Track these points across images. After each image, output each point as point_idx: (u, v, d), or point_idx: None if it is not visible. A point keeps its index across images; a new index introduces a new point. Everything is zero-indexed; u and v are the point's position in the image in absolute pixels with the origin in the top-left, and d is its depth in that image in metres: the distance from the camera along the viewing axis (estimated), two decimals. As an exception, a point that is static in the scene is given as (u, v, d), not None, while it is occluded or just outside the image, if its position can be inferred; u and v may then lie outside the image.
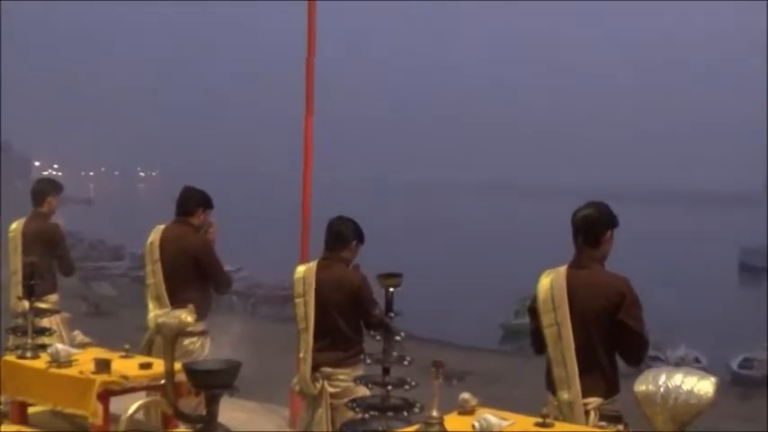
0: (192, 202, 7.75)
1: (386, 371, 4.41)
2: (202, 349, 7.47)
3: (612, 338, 5.50)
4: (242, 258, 43.25)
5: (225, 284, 7.82)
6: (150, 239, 7.68)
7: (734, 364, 35.76)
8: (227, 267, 8.21)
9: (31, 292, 5.80)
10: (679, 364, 31.11)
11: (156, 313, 7.22)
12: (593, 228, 5.63)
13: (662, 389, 3.47)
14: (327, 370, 6.58)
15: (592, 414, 5.42)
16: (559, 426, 4.14)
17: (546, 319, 5.55)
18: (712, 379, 3.49)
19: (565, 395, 5.47)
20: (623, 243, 5.85)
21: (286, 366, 6.85)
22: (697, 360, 33.63)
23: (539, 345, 5.67)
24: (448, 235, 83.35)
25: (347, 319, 6.60)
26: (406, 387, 4.41)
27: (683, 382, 3.47)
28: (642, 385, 3.55)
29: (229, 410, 5.33)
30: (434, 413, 3.91)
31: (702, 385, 3.45)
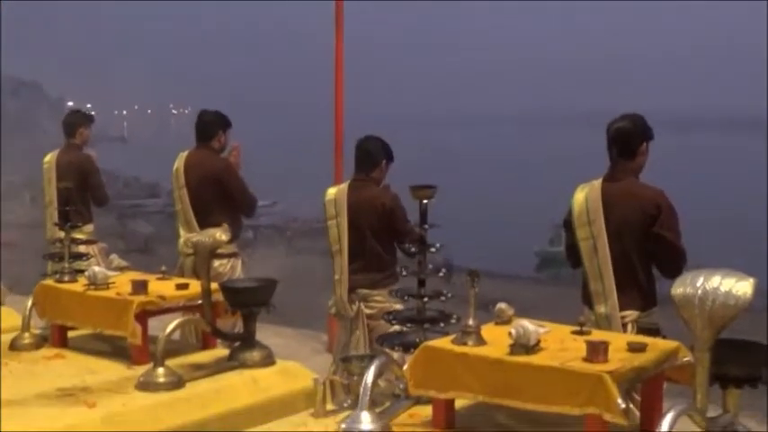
0: (211, 126, 7.77)
1: (421, 283, 4.40)
2: (233, 271, 7.51)
3: (649, 251, 5.48)
4: (277, 192, 43.38)
5: (250, 205, 7.81)
6: (175, 166, 7.72)
7: (772, 284, 35.60)
8: (262, 202, 8.26)
9: (66, 218, 5.82)
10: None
11: (186, 236, 7.27)
12: (628, 140, 5.58)
13: (700, 291, 3.43)
14: (363, 291, 6.60)
15: (629, 327, 5.42)
16: (596, 333, 4.12)
17: (581, 233, 5.53)
18: (751, 280, 3.44)
19: (602, 309, 5.47)
20: (654, 167, 5.81)
21: (324, 297, 6.88)
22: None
23: (574, 259, 5.65)
24: (482, 165, 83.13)
25: (381, 240, 6.60)
26: (443, 298, 4.41)
27: (720, 283, 3.43)
28: (680, 288, 3.51)
29: (267, 336, 5.39)
30: (471, 322, 3.90)
31: (741, 286, 3.41)
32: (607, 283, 5.45)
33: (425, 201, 4.39)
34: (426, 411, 4.10)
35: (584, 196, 5.56)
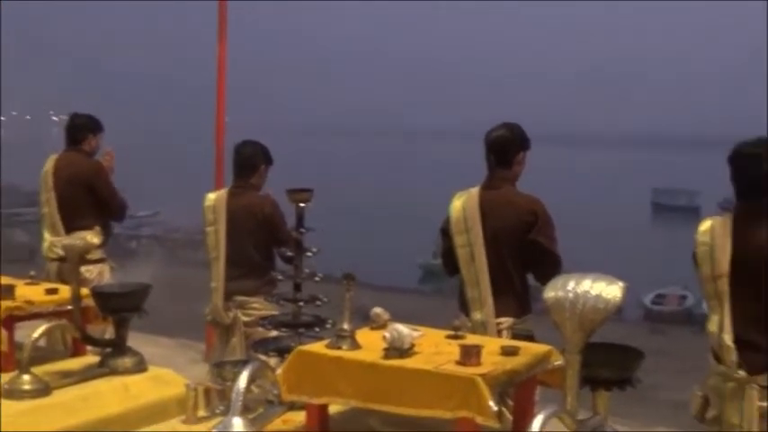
0: (81, 129, 7.59)
1: (297, 287, 4.37)
2: (101, 277, 7.32)
3: (525, 258, 5.51)
4: (159, 202, 42.79)
5: (119, 210, 7.63)
6: (44, 169, 7.52)
7: (647, 300, 36.48)
8: (144, 212, 8.12)
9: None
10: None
11: (51, 241, 7.08)
12: (505, 148, 5.62)
13: (571, 294, 3.47)
14: (241, 298, 6.51)
15: (504, 333, 5.43)
16: (471, 337, 4.14)
17: (459, 240, 5.54)
18: (620, 284, 3.49)
19: (478, 315, 5.48)
20: (538, 184, 5.88)
21: (203, 306, 6.77)
22: (611, 297, 34.20)
23: (451, 266, 5.66)
24: (367, 176, 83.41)
25: (259, 247, 6.52)
26: (318, 303, 4.38)
27: (591, 287, 3.47)
28: (552, 291, 3.55)
29: (143, 346, 5.27)
30: (345, 326, 3.88)
31: (611, 290, 3.46)
32: (483, 290, 5.48)
33: (302, 204, 4.36)
34: (300, 417, 4.07)
35: (462, 204, 5.58)
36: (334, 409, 4.12)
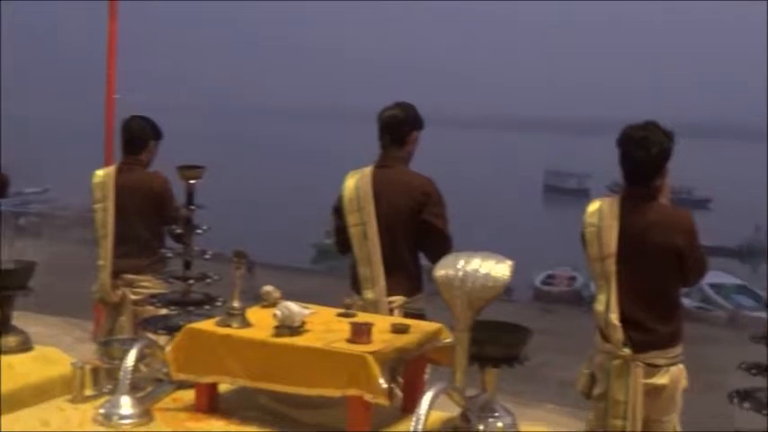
0: None
1: (187, 265, 4.33)
2: None
3: (417, 237, 5.55)
4: (49, 179, 42.00)
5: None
6: None
7: (537, 281, 37.10)
8: (32, 188, 7.93)
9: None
10: (485, 281, 32.21)
11: None
12: (398, 127, 5.64)
13: (460, 272, 3.51)
14: (129, 277, 6.44)
15: (396, 312, 5.47)
16: (362, 315, 4.15)
17: (351, 219, 5.55)
18: (509, 262, 3.54)
19: (369, 294, 5.51)
20: (434, 164, 5.93)
21: (91, 284, 6.65)
22: (503, 277, 34.68)
23: (343, 245, 5.67)
24: (266, 157, 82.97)
25: (148, 225, 6.45)
26: (208, 281, 4.34)
27: (480, 265, 3.51)
28: (441, 270, 3.58)
29: (29, 324, 5.14)
30: (236, 304, 3.85)
31: (499, 268, 3.50)
32: (375, 269, 5.50)
33: (193, 181, 4.31)
34: (189, 395, 4.03)
35: (355, 183, 5.59)
36: (223, 387, 4.09)
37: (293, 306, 3.78)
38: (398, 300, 5.52)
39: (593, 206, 4.89)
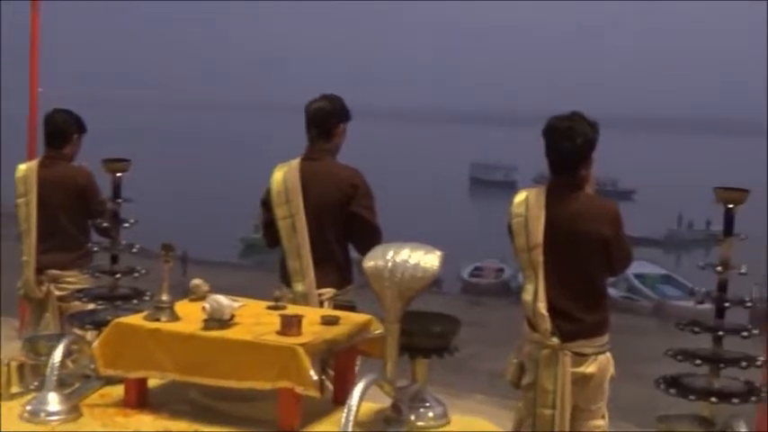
0: None
1: (114, 259, 4.28)
2: None
3: (346, 230, 5.55)
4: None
5: None
6: None
7: (465, 273, 37.31)
8: None
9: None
10: (414, 274, 32.37)
11: None
12: (325, 120, 5.63)
13: (390, 264, 3.52)
14: (53, 272, 6.34)
15: (326, 304, 5.46)
16: (291, 308, 4.14)
17: (280, 212, 5.53)
18: (438, 252, 3.57)
19: (299, 287, 5.49)
20: (365, 157, 5.93)
21: (16, 281, 6.53)
22: (432, 269, 34.84)
23: (272, 238, 5.65)
24: (187, 151, 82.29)
25: (73, 220, 6.36)
26: (136, 275, 4.31)
27: (410, 256, 3.53)
28: (371, 261, 3.60)
29: (-48, 324, 5.06)
30: (164, 297, 3.82)
31: (429, 259, 3.53)
32: (305, 262, 5.49)
33: (119, 174, 4.27)
34: (118, 391, 4.00)
35: (283, 175, 5.56)
36: (153, 382, 4.06)
37: (222, 299, 3.77)
38: (328, 292, 5.51)
39: (520, 197, 4.92)
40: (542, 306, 4.80)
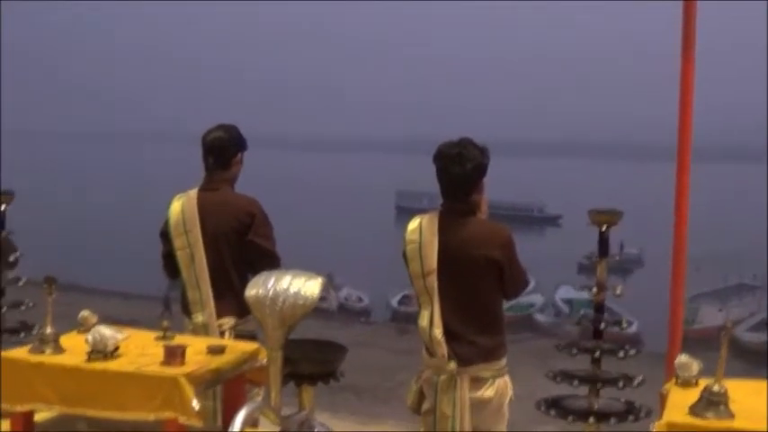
0: None
1: (1, 292, 4.25)
2: None
3: (244, 259, 5.54)
4: None
5: None
6: None
7: (393, 301, 37.29)
8: None
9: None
10: (343, 304, 32.22)
11: None
12: (223, 150, 5.62)
13: (271, 292, 3.54)
14: None
15: (227, 334, 5.43)
16: (179, 338, 4.14)
17: (178, 243, 5.51)
18: (319, 279, 3.59)
19: (199, 317, 5.46)
20: (279, 189, 5.91)
21: None
22: (360, 299, 34.75)
23: (171, 268, 5.62)
24: (103, 182, 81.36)
25: None
26: (23, 308, 4.27)
27: (290, 284, 3.55)
28: (253, 290, 3.61)
29: None
30: (48, 330, 3.80)
31: (309, 286, 3.55)
32: (204, 292, 5.46)
33: (3, 207, 4.24)
34: (6, 426, 3.95)
35: (181, 206, 5.54)
36: (41, 415, 4.03)
37: (105, 330, 3.76)
38: (228, 322, 5.47)
39: (414, 223, 4.95)
40: (438, 332, 4.82)
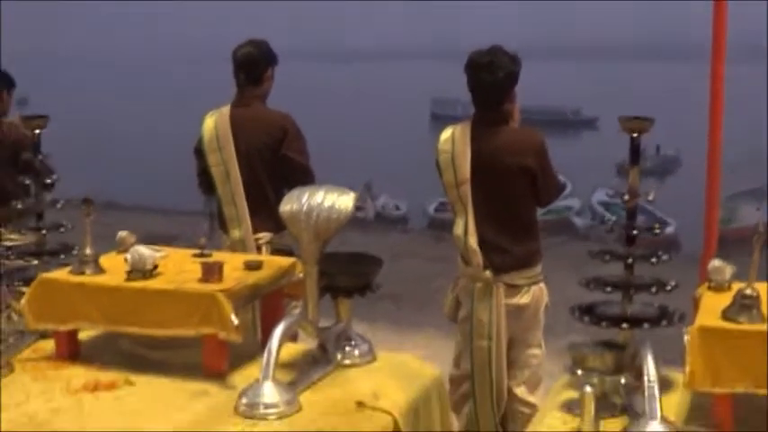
0: None
1: (39, 216, 4.31)
2: None
3: (278, 174, 5.58)
4: None
5: None
6: None
7: (430, 209, 37.38)
8: None
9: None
10: (380, 213, 32.30)
11: None
12: (254, 65, 5.63)
13: (305, 206, 3.57)
14: None
15: (264, 249, 5.52)
16: (217, 255, 4.19)
17: (212, 159, 5.56)
18: (352, 194, 3.62)
19: (236, 233, 5.55)
20: (313, 100, 5.89)
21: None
22: (397, 207, 34.82)
23: (207, 185, 5.68)
24: (147, 103, 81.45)
25: (10, 176, 6.32)
26: (62, 230, 4.33)
27: (324, 198, 3.58)
28: (287, 205, 3.64)
29: None
30: (88, 251, 3.86)
31: (342, 200, 3.58)
32: (240, 208, 5.53)
33: (38, 131, 4.28)
34: (51, 345, 4.05)
35: (214, 123, 5.58)
36: (85, 334, 4.12)
37: (144, 249, 3.81)
38: (265, 237, 5.55)
39: (446, 133, 4.96)
40: (473, 240, 4.87)
